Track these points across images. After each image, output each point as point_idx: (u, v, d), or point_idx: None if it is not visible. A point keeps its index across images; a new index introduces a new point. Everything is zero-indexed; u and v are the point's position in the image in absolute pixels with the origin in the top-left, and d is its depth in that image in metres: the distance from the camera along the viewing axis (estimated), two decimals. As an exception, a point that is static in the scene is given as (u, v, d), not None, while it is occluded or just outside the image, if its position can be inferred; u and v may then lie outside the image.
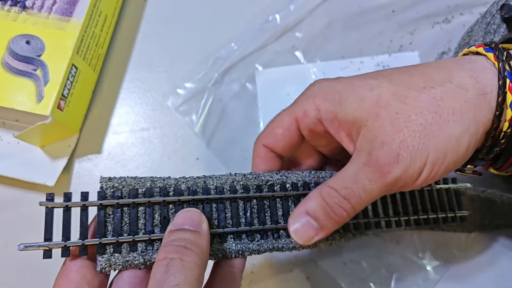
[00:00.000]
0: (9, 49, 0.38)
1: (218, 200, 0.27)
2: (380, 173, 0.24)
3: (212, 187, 0.27)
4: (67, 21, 0.39)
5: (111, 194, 0.25)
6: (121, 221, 0.25)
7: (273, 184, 0.28)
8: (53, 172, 0.39)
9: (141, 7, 0.47)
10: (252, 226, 0.27)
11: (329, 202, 0.25)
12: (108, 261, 0.24)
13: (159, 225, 0.25)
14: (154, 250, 0.25)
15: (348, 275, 0.38)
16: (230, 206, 0.27)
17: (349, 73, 0.44)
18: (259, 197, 0.28)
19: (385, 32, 0.46)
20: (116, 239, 0.24)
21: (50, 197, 0.24)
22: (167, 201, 0.26)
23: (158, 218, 0.26)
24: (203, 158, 0.42)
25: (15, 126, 0.40)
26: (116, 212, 0.25)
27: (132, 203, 0.25)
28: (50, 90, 0.37)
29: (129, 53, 0.45)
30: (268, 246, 0.27)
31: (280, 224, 0.28)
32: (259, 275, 0.38)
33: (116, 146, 0.42)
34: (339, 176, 0.25)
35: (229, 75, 0.44)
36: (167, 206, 0.26)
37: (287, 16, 0.46)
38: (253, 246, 0.27)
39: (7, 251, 0.38)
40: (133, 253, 0.24)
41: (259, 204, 0.28)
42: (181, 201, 0.26)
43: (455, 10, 0.46)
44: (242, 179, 0.28)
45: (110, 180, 0.25)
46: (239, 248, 0.27)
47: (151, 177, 0.26)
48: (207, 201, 0.27)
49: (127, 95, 0.44)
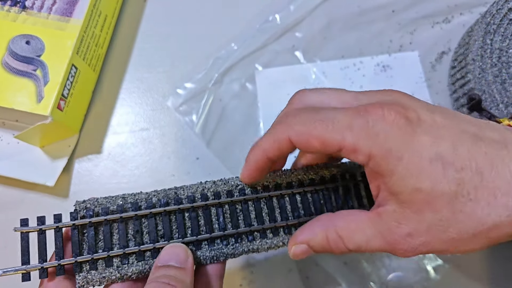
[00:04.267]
0: (9, 49, 0.38)
1: (190, 209, 0.27)
2: (391, 248, 0.23)
3: (184, 196, 0.28)
4: (67, 21, 0.39)
5: (83, 214, 0.26)
6: (95, 239, 0.26)
7: (243, 188, 0.29)
8: (53, 172, 0.39)
9: (141, 7, 0.47)
10: (226, 231, 0.27)
11: (333, 246, 0.25)
12: (85, 279, 0.25)
13: (132, 239, 0.26)
14: (129, 264, 0.26)
15: (348, 275, 0.38)
16: (202, 214, 0.28)
17: (349, 73, 0.44)
18: (230, 202, 0.28)
19: (385, 32, 0.46)
20: (91, 257, 0.25)
21: (25, 223, 0.25)
22: (139, 215, 0.26)
23: (131, 233, 0.26)
24: (203, 158, 0.42)
25: (15, 126, 0.40)
26: (90, 231, 0.25)
27: (105, 220, 0.26)
28: (50, 90, 0.37)
29: (129, 53, 0.45)
30: (243, 248, 0.28)
31: (253, 226, 0.28)
32: (259, 275, 0.38)
33: (116, 146, 0.42)
34: (351, 229, 0.24)
35: (229, 75, 0.44)
36: (140, 219, 0.26)
37: (287, 16, 0.46)
38: (228, 250, 0.27)
39: (7, 251, 0.38)
40: (109, 268, 0.25)
41: (231, 208, 0.28)
42: (153, 214, 0.27)
43: (455, 10, 0.46)
44: (212, 186, 0.28)
45: (84, 202, 0.26)
46: (214, 254, 0.27)
47: (122, 195, 0.27)
48: (179, 211, 0.27)
49: (127, 95, 0.44)
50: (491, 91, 0.37)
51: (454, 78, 0.42)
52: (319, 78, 0.44)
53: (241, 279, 0.38)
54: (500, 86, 0.37)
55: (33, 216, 0.26)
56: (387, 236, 0.23)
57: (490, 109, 0.37)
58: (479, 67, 0.38)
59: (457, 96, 0.41)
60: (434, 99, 0.43)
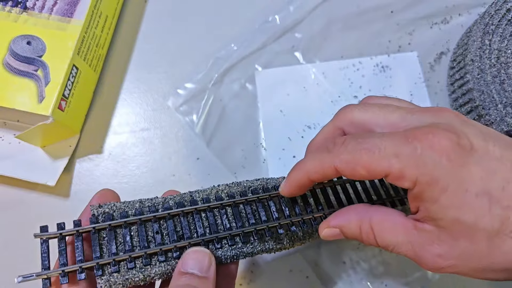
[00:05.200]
0: (10, 50, 0.38)
1: (207, 209, 0.28)
2: (417, 260, 0.23)
3: (199, 198, 0.28)
4: (67, 22, 0.39)
5: (102, 219, 0.26)
6: (115, 242, 0.25)
7: (256, 188, 0.30)
8: (54, 172, 0.39)
9: (142, 8, 0.48)
10: (244, 228, 0.28)
11: (364, 236, 0.25)
12: (107, 282, 0.24)
13: (153, 241, 0.26)
14: (152, 266, 0.25)
15: (347, 275, 0.38)
16: (218, 213, 0.28)
17: (348, 73, 0.44)
18: (245, 201, 0.29)
19: (384, 33, 0.46)
20: (113, 258, 0.25)
21: (45, 229, 0.25)
22: (157, 216, 0.27)
23: (151, 235, 0.26)
24: (203, 158, 0.42)
25: (16, 126, 0.40)
26: (110, 234, 0.25)
27: (124, 223, 0.26)
28: (51, 90, 0.37)
29: (130, 53, 0.46)
30: (262, 247, 0.28)
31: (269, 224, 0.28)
32: (259, 275, 0.38)
33: (116, 146, 0.42)
34: (384, 227, 0.24)
35: (229, 76, 0.44)
36: (158, 221, 0.27)
37: (286, 17, 0.46)
38: (247, 249, 0.28)
39: (7, 252, 0.38)
40: (132, 270, 0.25)
41: (246, 208, 0.29)
42: (171, 215, 0.27)
43: (453, 10, 0.47)
44: (226, 188, 0.29)
45: (100, 207, 0.26)
46: (234, 253, 0.27)
47: (139, 199, 0.28)
48: (196, 211, 0.27)
49: (128, 96, 0.44)
50: (490, 92, 0.38)
51: (453, 78, 0.42)
52: (319, 78, 0.44)
53: (241, 279, 0.38)
54: (499, 87, 0.38)
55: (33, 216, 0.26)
56: (417, 250, 0.23)
57: (489, 109, 0.37)
58: (477, 68, 0.39)
59: (456, 96, 0.41)
60: (433, 99, 0.43)
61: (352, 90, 0.44)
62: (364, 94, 0.44)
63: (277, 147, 0.42)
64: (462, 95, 0.40)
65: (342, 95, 0.44)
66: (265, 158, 0.41)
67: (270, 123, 0.42)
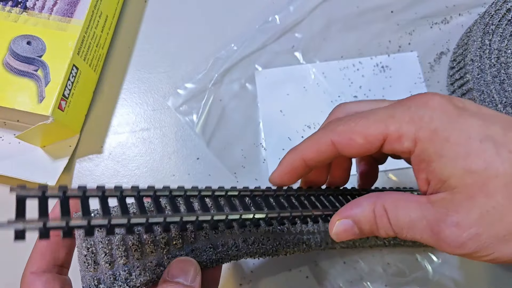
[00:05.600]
0: (10, 50, 0.38)
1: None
2: (435, 239, 0.21)
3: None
4: (68, 22, 0.39)
5: None
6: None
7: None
8: (54, 172, 0.39)
9: (142, 8, 0.48)
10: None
11: (378, 222, 0.23)
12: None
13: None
14: (137, 276, 0.24)
15: (347, 275, 0.38)
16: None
17: (348, 73, 0.44)
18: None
19: (384, 33, 0.46)
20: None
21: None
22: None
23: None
24: (203, 158, 0.42)
25: (16, 126, 0.41)
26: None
27: None
28: (51, 90, 0.37)
29: (130, 53, 0.46)
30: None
31: None
32: (259, 275, 0.38)
33: (116, 146, 0.42)
34: (397, 206, 0.22)
35: (229, 76, 0.44)
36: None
37: (286, 17, 0.46)
38: (232, 253, 0.27)
39: (7, 251, 0.38)
40: (117, 281, 0.23)
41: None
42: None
43: (453, 10, 0.47)
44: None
45: None
46: (219, 257, 0.27)
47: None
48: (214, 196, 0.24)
49: (128, 96, 0.44)
50: (490, 91, 0.38)
51: (453, 78, 0.42)
52: (318, 78, 0.44)
53: (241, 279, 0.38)
54: (499, 87, 0.38)
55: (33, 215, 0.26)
56: (433, 224, 0.21)
57: (488, 109, 0.37)
58: (477, 68, 0.39)
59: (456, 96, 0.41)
60: (433, 99, 0.43)
61: (352, 90, 0.44)
62: (364, 94, 0.44)
63: (277, 147, 0.42)
64: (462, 95, 0.40)
65: (342, 95, 0.44)
66: (265, 158, 0.41)
67: (270, 123, 0.43)
